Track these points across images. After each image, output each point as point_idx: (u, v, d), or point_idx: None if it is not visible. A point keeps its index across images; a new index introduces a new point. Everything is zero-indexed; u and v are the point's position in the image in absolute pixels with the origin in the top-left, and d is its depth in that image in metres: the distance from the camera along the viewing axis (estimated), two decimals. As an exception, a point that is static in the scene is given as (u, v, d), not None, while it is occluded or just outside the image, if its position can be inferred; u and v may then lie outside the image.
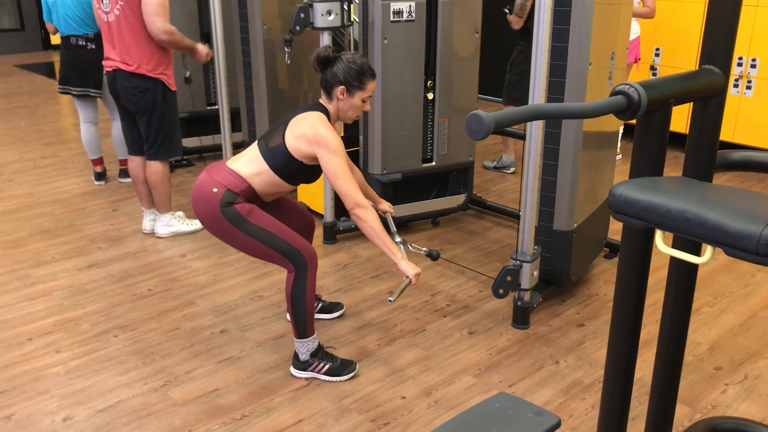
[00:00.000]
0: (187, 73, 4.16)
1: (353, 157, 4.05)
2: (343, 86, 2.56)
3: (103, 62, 3.78)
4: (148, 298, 3.37)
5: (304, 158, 2.54)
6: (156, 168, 3.89)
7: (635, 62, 5.40)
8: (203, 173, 2.60)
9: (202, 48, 3.89)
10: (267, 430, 2.45)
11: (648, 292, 1.66)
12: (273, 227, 2.56)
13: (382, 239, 2.48)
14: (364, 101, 2.62)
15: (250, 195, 2.57)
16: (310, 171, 2.61)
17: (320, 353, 2.72)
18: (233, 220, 2.52)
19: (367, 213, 2.48)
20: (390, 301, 2.51)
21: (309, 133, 2.50)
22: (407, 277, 2.50)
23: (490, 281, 3.49)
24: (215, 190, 2.52)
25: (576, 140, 3.02)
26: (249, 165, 2.58)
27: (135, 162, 3.99)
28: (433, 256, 2.77)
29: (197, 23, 5.04)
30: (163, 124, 3.79)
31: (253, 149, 2.62)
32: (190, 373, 2.78)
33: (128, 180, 4.95)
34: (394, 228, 2.83)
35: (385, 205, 2.94)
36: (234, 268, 3.67)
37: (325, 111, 2.59)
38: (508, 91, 4.94)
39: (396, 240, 2.70)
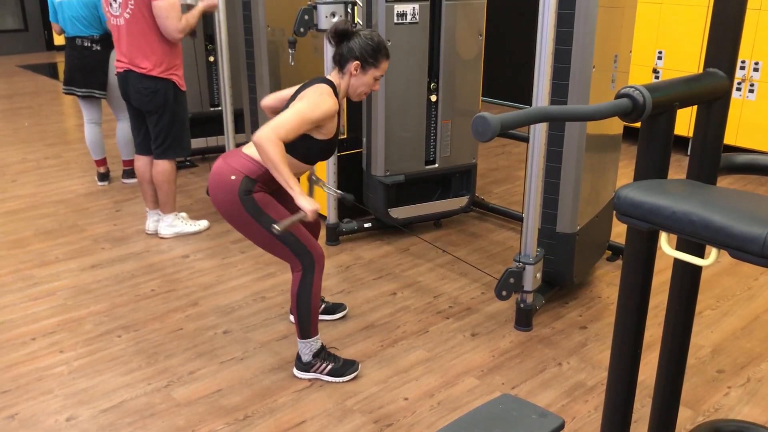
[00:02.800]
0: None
1: (356, 158, 4.07)
2: (358, 62, 2.56)
3: (115, 64, 3.80)
4: (151, 298, 3.37)
5: (311, 129, 2.51)
6: (163, 167, 3.90)
7: None
8: (219, 160, 2.58)
9: (207, 2, 3.85)
10: (270, 431, 2.45)
11: (651, 294, 1.67)
12: None
13: (279, 169, 2.38)
14: (375, 79, 2.62)
15: (267, 179, 2.55)
16: (321, 145, 2.58)
17: (323, 354, 2.73)
18: (251, 210, 2.51)
19: (268, 142, 2.36)
20: (276, 229, 2.42)
21: (310, 93, 2.50)
22: (303, 210, 2.43)
23: (493, 283, 3.50)
24: (233, 177, 2.51)
25: (579, 143, 3.03)
26: None
27: (142, 161, 4.00)
28: (347, 199, 2.72)
29: (201, 24, 5.05)
30: (173, 123, 3.81)
31: None
32: (194, 373, 2.78)
33: (131, 181, 4.97)
34: (313, 168, 2.80)
35: None
36: (237, 269, 3.68)
37: (332, 85, 2.57)
38: None
39: (312, 177, 2.67)
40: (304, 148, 2.57)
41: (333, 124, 2.57)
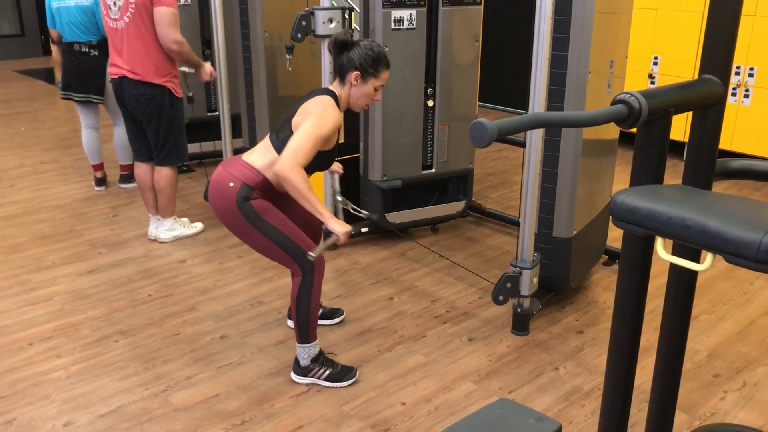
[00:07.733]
0: (190, 93, 4.17)
1: (353, 163, 4.08)
2: (357, 72, 2.56)
3: (109, 69, 3.80)
4: (148, 303, 3.37)
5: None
6: (166, 173, 3.92)
7: None
8: (219, 167, 2.60)
9: (207, 67, 3.91)
10: (267, 436, 2.46)
11: (647, 299, 1.67)
12: (286, 228, 2.56)
13: (306, 197, 2.42)
14: (376, 89, 2.63)
15: (266, 187, 2.57)
16: (323, 156, 2.59)
17: (321, 359, 2.73)
18: (249, 216, 2.52)
19: (291, 172, 2.39)
20: (311, 256, 2.49)
21: (314, 109, 2.50)
22: (335, 234, 2.49)
23: (490, 288, 3.50)
24: (231, 184, 2.52)
25: (575, 148, 3.04)
26: (263, 156, 2.58)
27: (142, 168, 4.00)
28: (373, 219, 2.74)
29: (199, 30, 5.07)
30: (171, 129, 3.81)
31: (266, 141, 2.63)
32: (191, 378, 2.78)
33: (128, 185, 4.97)
34: (338, 188, 2.81)
35: (335, 166, 2.92)
36: (235, 274, 3.68)
37: (334, 96, 2.58)
38: None
39: (338, 199, 2.68)
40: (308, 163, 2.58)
41: (335, 135, 2.59)
